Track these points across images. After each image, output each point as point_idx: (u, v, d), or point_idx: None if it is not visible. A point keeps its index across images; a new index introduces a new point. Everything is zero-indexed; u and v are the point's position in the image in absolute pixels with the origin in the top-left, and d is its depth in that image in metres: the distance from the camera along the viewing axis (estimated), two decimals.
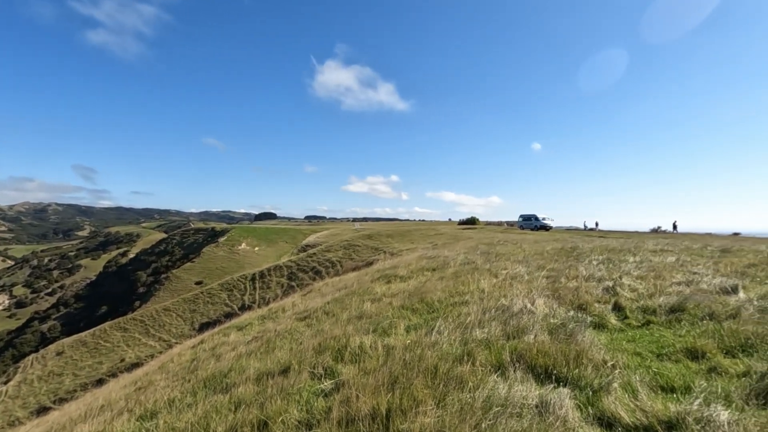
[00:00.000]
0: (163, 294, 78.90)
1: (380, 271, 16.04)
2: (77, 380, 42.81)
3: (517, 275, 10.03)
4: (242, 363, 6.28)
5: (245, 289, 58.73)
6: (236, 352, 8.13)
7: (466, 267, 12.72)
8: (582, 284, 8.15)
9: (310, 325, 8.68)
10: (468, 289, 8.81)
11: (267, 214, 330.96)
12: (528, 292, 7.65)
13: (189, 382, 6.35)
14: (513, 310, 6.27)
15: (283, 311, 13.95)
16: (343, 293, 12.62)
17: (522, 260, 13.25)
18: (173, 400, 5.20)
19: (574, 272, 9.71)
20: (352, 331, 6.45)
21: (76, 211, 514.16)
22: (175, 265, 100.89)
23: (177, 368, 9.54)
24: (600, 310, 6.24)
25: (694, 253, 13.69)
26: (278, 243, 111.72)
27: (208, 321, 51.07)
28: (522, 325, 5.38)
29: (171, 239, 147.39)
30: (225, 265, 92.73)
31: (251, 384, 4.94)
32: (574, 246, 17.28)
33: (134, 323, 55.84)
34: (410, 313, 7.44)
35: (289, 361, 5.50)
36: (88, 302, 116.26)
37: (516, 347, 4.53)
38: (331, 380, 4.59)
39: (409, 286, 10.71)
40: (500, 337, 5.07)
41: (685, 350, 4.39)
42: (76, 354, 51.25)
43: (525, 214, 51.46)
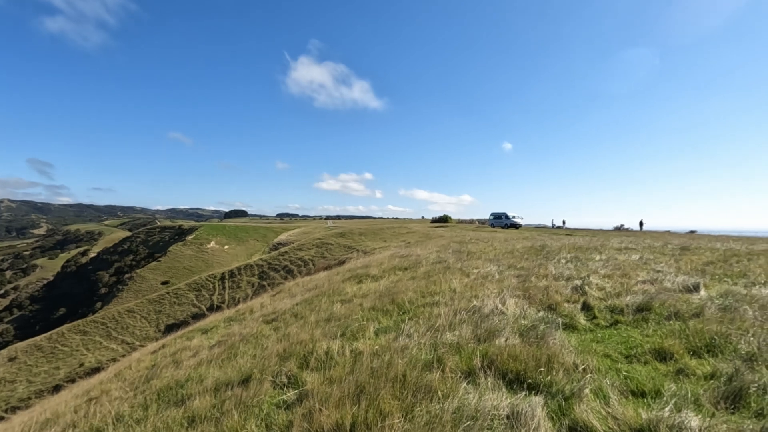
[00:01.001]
0: (126, 295, 75.76)
1: (352, 271, 15.79)
2: (31, 387, 40.42)
3: (488, 274, 10.01)
4: (201, 371, 5.90)
5: (214, 288, 57.10)
6: (197, 358, 7.71)
7: (438, 266, 12.64)
8: (552, 283, 8.18)
9: (277, 328, 8.35)
10: (439, 289, 8.70)
11: (237, 211, 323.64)
12: (499, 292, 7.60)
13: (143, 393, 5.92)
14: (484, 312, 6.17)
15: (251, 313, 13.49)
16: (313, 294, 12.30)
17: (493, 259, 13.30)
18: (122, 416, 4.79)
19: (544, 271, 9.78)
20: (319, 336, 6.19)
21: (31, 208, 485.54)
22: (140, 264, 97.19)
23: (134, 376, 8.98)
24: (569, 310, 6.23)
25: (656, 251, 14.14)
26: (249, 241, 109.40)
27: (174, 322, 49.29)
28: (493, 327, 5.28)
29: (135, 237, 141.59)
30: (193, 264, 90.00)
31: (209, 396, 4.60)
32: (543, 244, 17.57)
33: (95, 326, 53.24)
34: (381, 314, 7.24)
35: (251, 369, 5.18)
36: (45, 304, 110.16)
37: (487, 351, 4.40)
38: (295, 390, 4.33)
39: (380, 287, 10.52)
40: (471, 340, 4.94)
41: (653, 351, 4.38)
42: (31, 359, 48.39)
43: (496, 213, 52.32)
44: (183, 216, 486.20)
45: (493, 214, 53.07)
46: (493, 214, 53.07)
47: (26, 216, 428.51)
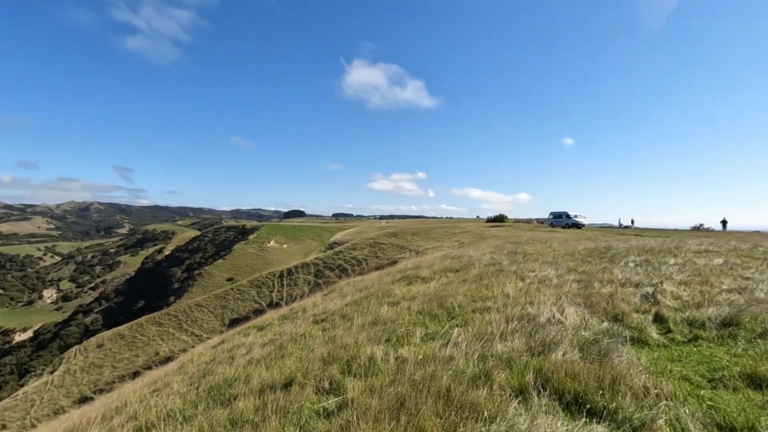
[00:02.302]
0: (195, 290, 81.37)
1: (402, 272, 15.61)
2: (115, 372, 44.63)
3: (545, 278, 9.37)
4: (249, 371, 6.00)
5: (273, 286, 59.62)
6: (249, 356, 7.91)
7: (490, 268, 12.11)
8: (617, 290, 7.45)
9: (325, 329, 8.37)
10: (492, 293, 8.26)
11: (295, 211, 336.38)
12: (557, 298, 7.03)
13: (196, 389, 6.14)
14: (540, 320, 5.71)
15: (304, 312, 13.75)
16: (362, 295, 12.27)
17: (551, 261, 12.50)
18: (173, 412, 4.97)
19: (609, 276, 8.97)
20: (364, 340, 6.06)
21: (116, 210, 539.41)
22: (208, 261, 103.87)
23: (194, 370, 9.45)
24: (639, 321, 5.59)
25: (743, 255, 12.54)
26: (305, 241, 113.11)
27: (237, 317, 52.15)
28: (549, 338, 4.83)
29: (204, 237, 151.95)
30: (254, 262, 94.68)
31: (253, 398, 4.63)
32: (608, 246, 16.28)
33: (168, 318, 57.73)
34: (428, 319, 6.98)
35: (295, 372, 5.16)
36: (127, 297, 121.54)
37: (542, 367, 4.00)
38: (336, 398, 4.21)
39: (429, 289, 10.24)
40: (524, 352, 4.55)
41: (745, 376, 3.74)
42: (115, 347, 53.49)
43: (555, 212, 49.78)
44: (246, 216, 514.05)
45: (552, 213, 50.54)
46: (552, 213, 50.54)
47: (112, 217, 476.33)
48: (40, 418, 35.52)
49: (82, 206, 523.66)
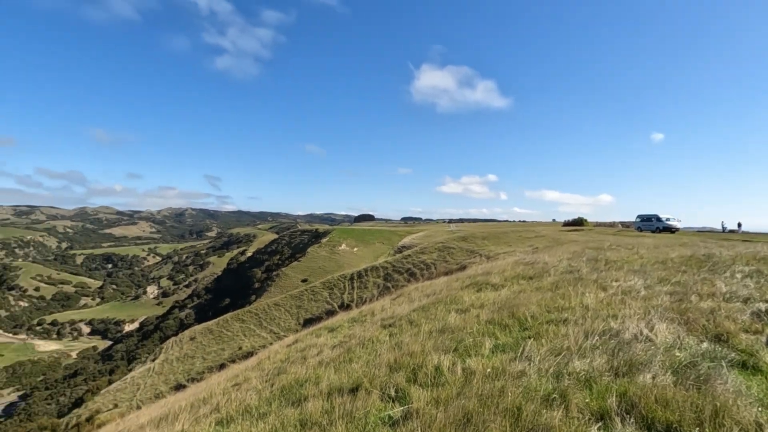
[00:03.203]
0: (273, 290, 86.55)
1: (472, 277, 15.20)
2: (205, 363, 48.91)
3: (631, 289, 8.54)
4: (319, 373, 6.20)
5: (344, 288, 61.41)
6: (320, 357, 8.19)
7: (568, 276, 11.33)
8: (721, 305, 6.54)
9: (393, 334, 8.39)
10: (569, 304, 7.71)
11: (365, 215, 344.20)
12: (645, 312, 6.36)
13: (271, 387, 6.48)
14: (624, 337, 5.19)
15: (372, 315, 13.95)
16: (430, 300, 12.15)
17: (638, 270, 11.38)
18: (250, 408, 5.28)
19: (709, 288, 7.93)
20: (431, 348, 5.97)
21: (206, 215, 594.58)
22: (284, 263, 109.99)
23: (270, 367, 10.00)
24: (748, 343, 4.85)
25: None
26: (375, 244, 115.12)
27: (311, 317, 54.49)
28: (636, 358, 4.37)
29: (281, 240, 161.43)
30: (327, 264, 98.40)
31: (322, 400, 4.77)
32: (708, 253, 14.42)
33: (250, 315, 62.04)
34: (498, 329, 6.70)
35: (362, 377, 5.23)
36: (215, 294, 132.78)
37: (626, 390, 3.62)
38: (401, 407, 4.19)
39: (500, 297, 9.83)
40: (605, 372, 4.16)
41: None
42: (205, 340, 58.68)
43: (644, 214, 45.38)
44: (319, 220, 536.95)
45: (640, 216, 46.13)
46: (640, 216, 46.13)
47: (202, 221, 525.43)
48: (144, 401, 39.98)
49: (178, 212, 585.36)
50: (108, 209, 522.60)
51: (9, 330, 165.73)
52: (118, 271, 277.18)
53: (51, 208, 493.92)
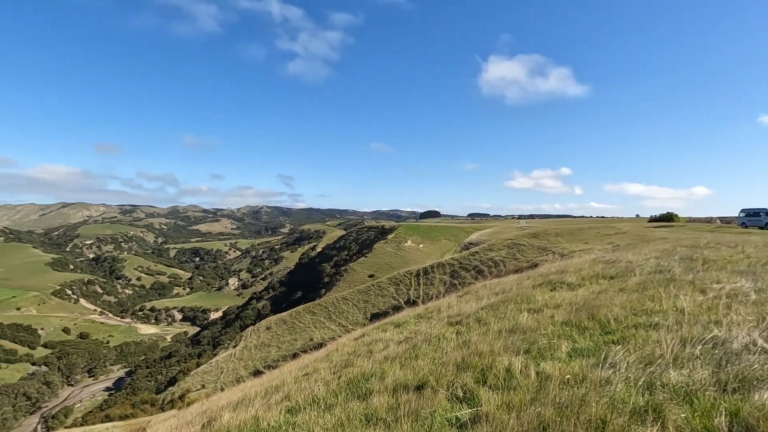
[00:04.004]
0: (342, 284, 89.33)
1: (544, 276, 14.34)
2: (280, 352, 51.90)
3: (737, 292, 7.44)
4: (385, 368, 6.16)
5: (410, 284, 61.56)
6: (385, 352, 8.17)
7: (657, 276, 10.20)
8: None
9: (459, 332, 8.13)
10: (660, 307, 6.90)
11: (431, 212, 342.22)
12: (758, 319, 5.47)
13: (338, 379, 6.58)
14: (732, 346, 4.49)
15: (438, 312, 13.71)
16: (499, 299, 11.64)
17: (745, 271, 9.92)
18: (318, 398, 5.38)
19: None
20: (501, 348, 5.66)
21: (279, 212, 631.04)
22: (352, 259, 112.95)
23: (338, 359, 10.22)
24: None
25: None
26: (441, 240, 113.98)
27: (377, 312, 55.41)
28: (749, 372, 3.74)
29: (348, 236, 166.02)
30: (393, 260, 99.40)
31: (387, 395, 4.70)
32: None
33: (320, 308, 64.62)
34: (576, 332, 6.17)
35: (428, 375, 5.08)
36: (288, 287, 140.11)
37: (738, 409, 3.09)
38: (469, 408, 3.98)
39: (577, 297, 9.11)
40: (710, 386, 3.60)
41: None
42: (279, 330, 62.25)
43: (750, 208, 39.82)
44: (385, 217, 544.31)
45: (745, 210, 40.57)
46: (745, 210, 40.57)
47: (276, 218, 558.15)
48: (226, 384, 43.36)
49: (255, 210, 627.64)
50: (195, 208, 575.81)
51: (117, 314, 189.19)
52: (204, 263, 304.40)
53: (149, 207, 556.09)
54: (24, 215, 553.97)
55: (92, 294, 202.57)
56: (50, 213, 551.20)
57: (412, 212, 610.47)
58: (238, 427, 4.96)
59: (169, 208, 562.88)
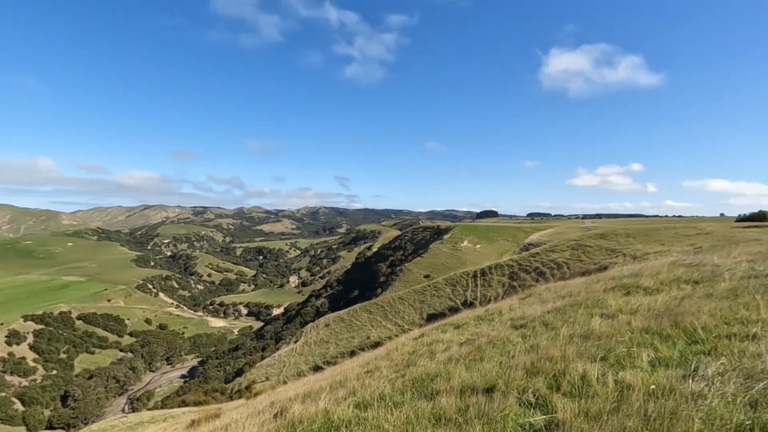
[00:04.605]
0: (397, 284, 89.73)
1: (616, 279, 13.43)
2: (338, 349, 53.29)
3: None
4: (449, 369, 6.12)
5: (467, 285, 60.47)
6: (448, 353, 8.11)
7: (752, 282, 9.17)
8: None
9: (525, 336, 7.86)
10: (757, 316, 6.21)
11: (488, 212, 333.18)
12: None
13: (402, 377, 6.64)
14: None
15: (500, 314, 13.36)
16: (566, 302, 11.09)
17: None
18: (384, 396, 5.46)
19: None
20: (573, 354, 5.40)
21: (336, 213, 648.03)
22: (407, 259, 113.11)
23: (398, 358, 10.30)
24: None
25: None
26: (499, 241, 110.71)
27: (434, 312, 55.04)
28: None
29: (404, 236, 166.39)
30: (449, 261, 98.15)
31: (454, 397, 4.67)
32: None
33: (376, 307, 65.42)
34: (658, 340, 5.72)
35: (496, 378, 4.98)
36: (345, 286, 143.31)
37: None
38: (543, 415, 3.85)
39: (656, 303, 8.44)
40: None
41: None
42: (337, 327, 63.89)
43: None
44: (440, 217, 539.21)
45: None
46: None
47: (334, 219, 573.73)
48: (288, 377, 45.29)
49: (313, 210, 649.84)
50: (259, 209, 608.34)
51: (190, 307, 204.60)
52: (267, 262, 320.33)
53: (218, 208, 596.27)
54: (113, 216, 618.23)
55: (170, 288, 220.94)
56: (134, 214, 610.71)
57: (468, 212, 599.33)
58: (310, 418, 5.17)
59: (236, 210, 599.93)
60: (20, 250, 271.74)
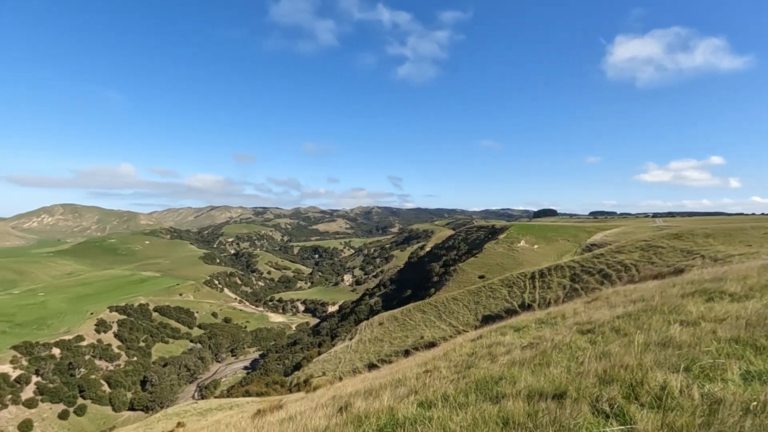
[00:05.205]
0: (451, 284, 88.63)
1: (696, 283, 12.36)
2: (392, 347, 53.68)
3: None
4: (514, 372, 5.99)
5: (525, 287, 58.42)
6: (510, 356, 7.93)
7: None
8: None
9: (594, 342, 7.49)
10: None
11: (546, 211, 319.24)
12: None
13: (463, 378, 6.59)
14: None
15: (563, 318, 12.81)
16: (638, 307, 10.39)
17: None
18: (447, 396, 5.47)
19: None
20: (651, 363, 5.07)
21: (389, 212, 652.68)
22: (461, 259, 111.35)
23: (457, 359, 10.22)
24: None
25: None
26: (558, 241, 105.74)
27: (489, 314, 53.79)
28: None
29: (457, 236, 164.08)
30: (504, 261, 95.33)
31: (521, 401, 4.57)
32: None
33: (430, 307, 65.08)
34: (750, 351, 5.22)
35: (566, 384, 4.80)
36: (398, 285, 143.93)
37: None
38: (620, 425, 3.66)
39: (747, 310, 7.68)
40: None
41: None
42: (391, 326, 64.35)
43: None
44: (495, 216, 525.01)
45: None
46: None
47: (387, 218, 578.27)
48: (344, 373, 46.36)
49: (367, 210, 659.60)
50: (314, 209, 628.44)
51: (252, 303, 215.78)
52: (322, 260, 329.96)
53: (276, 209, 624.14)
54: (183, 217, 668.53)
55: (233, 284, 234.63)
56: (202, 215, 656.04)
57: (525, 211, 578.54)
58: (375, 414, 5.30)
59: (293, 210, 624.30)
60: (106, 247, 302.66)
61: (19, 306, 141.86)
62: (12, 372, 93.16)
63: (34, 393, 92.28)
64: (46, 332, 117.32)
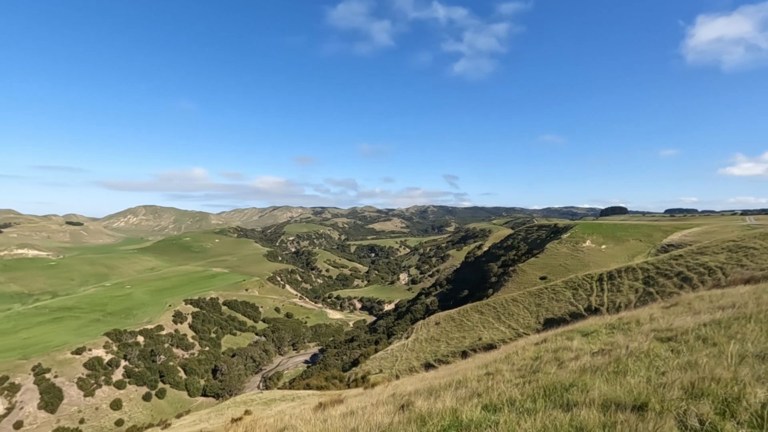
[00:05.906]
0: (510, 285, 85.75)
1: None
2: (449, 348, 53.01)
3: None
4: (585, 380, 5.65)
5: (591, 289, 55.10)
6: (579, 362, 7.50)
7: None
8: None
9: (677, 351, 6.86)
10: None
11: (615, 208, 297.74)
12: None
13: (529, 384, 6.33)
14: None
15: (638, 324, 11.91)
16: (729, 314, 9.38)
17: None
18: (514, 400, 5.28)
19: None
20: (749, 378, 4.54)
21: (445, 212, 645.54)
22: (521, 259, 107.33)
23: (520, 363, 9.86)
24: None
25: None
26: (629, 241, 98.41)
27: (552, 317, 51.37)
28: None
29: (516, 235, 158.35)
30: (568, 262, 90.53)
31: (596, 410, 4.30)
32: None
33: (488, 308, 63.42)
34: None
35: (647, 395, 4.44)
36: (454, 285, 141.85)
37: None
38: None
39: None
40: None
41: None
42: (448, 326, 63.58)
43: None
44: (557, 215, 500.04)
45: None
46: None
47: (442, 217, 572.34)
48: (401, 372, 46.56)
49: (422, 209, 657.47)
50: (370, 208, 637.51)
51: (311, 299, 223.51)
52: (378, 259, 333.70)
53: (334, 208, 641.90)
54: (248, 217, 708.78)
55: (294, 281, 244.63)
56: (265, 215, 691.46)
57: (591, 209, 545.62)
58: (438, 415, 5.25)
59: (350, 209, 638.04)
60: (181, 245, 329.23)
61: (110, 297, 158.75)
62: (105, 356, 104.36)
63: (123, 376, 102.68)
64: (131, 321, 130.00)
